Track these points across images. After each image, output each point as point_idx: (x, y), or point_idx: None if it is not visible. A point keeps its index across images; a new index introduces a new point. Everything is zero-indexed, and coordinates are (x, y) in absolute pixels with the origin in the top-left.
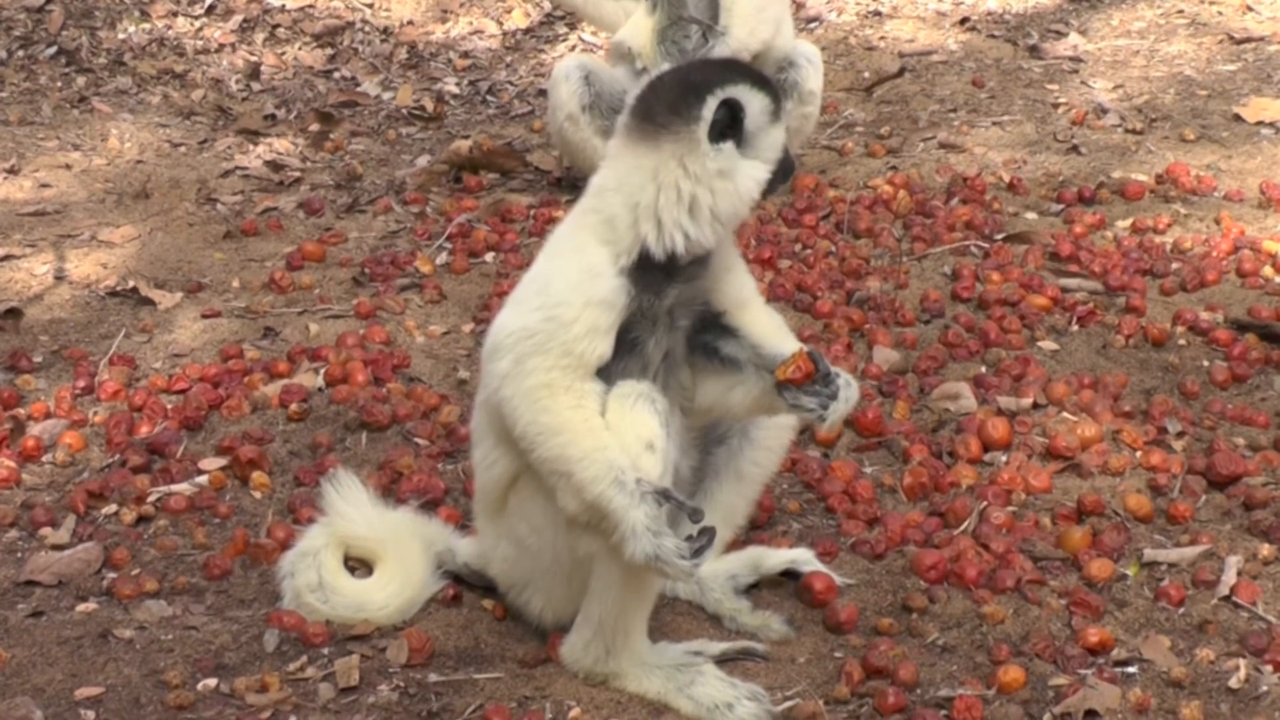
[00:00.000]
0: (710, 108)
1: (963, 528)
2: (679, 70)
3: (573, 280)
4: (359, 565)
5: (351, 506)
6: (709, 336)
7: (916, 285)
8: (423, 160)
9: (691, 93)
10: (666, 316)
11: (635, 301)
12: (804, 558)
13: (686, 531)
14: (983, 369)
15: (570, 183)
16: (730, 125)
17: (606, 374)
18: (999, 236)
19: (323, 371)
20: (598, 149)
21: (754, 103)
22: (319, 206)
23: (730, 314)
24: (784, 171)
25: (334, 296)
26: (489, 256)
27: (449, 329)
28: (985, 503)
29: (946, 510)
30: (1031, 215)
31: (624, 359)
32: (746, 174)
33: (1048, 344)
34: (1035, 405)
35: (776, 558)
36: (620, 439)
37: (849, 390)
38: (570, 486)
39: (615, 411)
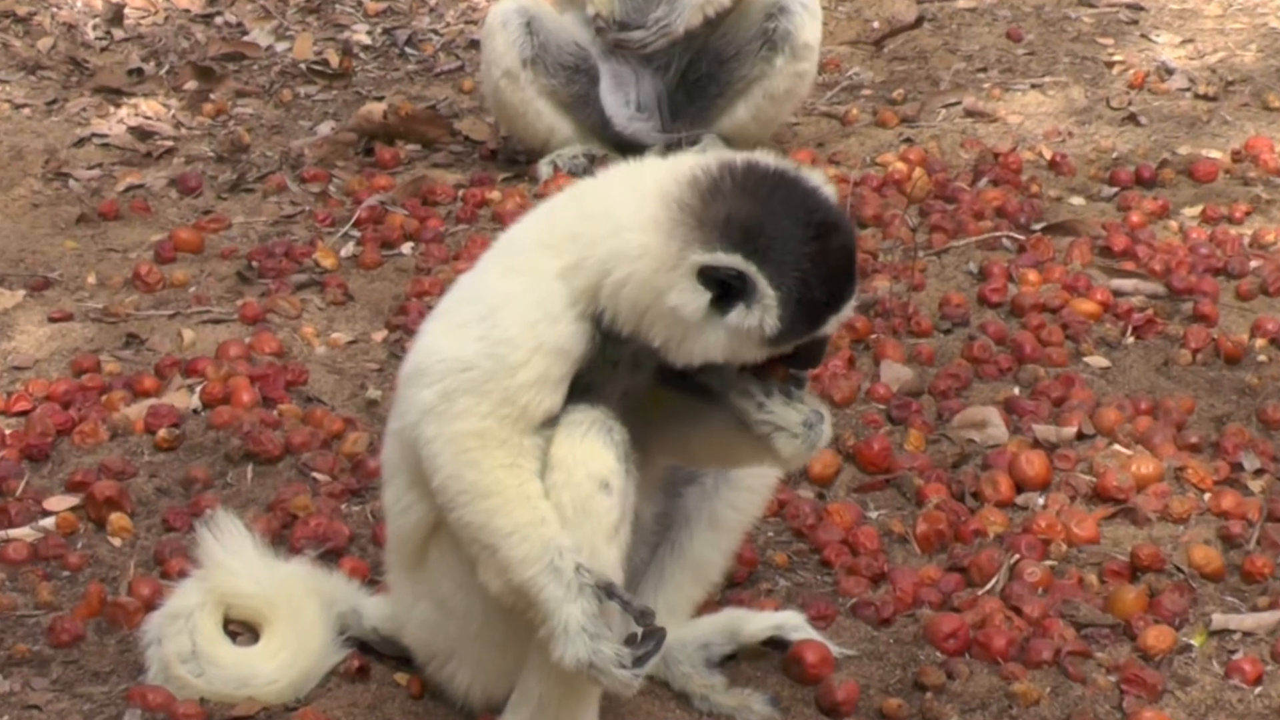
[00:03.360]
0: (732, 258)
1: (989, 587)
2: (782, 188)
3: (525, 316)
4: (242, 630)
5: (233, 557)
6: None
7: (935, 286)
8: (325, 128)
9: (742, 226)
10: (630, 359)
11: (596, 348)
12: (793, 623)
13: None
14: (1015, 390)
15: (508, 155)
16: (728, 291)
17: (551, 423)
18: (1037, 226)
19: (199, 389)
20: (541, 114)
21: (765, 311)
22: (196, 184)
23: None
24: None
25: (214, 296)
26: (406, 248)
27: (356, 337)
28: (1017, 556)
29: (969, 565)
30: (1078, 200)
31: (574, 402)
32: (700, 337)
33: (1096, 360)
34: (1080, 436)
35: (759, 623)
36: (569, 476)
37: (823, 425)
38: (494, 563)
39: (564, 443)
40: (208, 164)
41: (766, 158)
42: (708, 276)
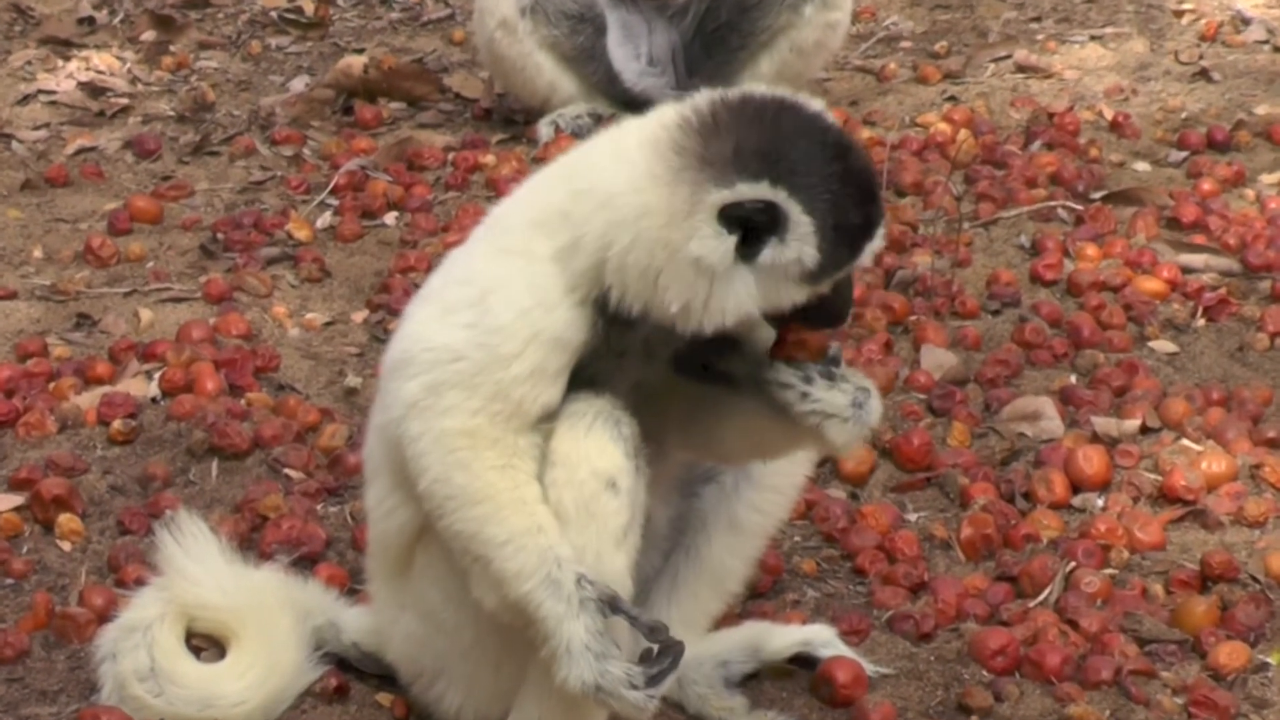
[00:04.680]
0: (757, 188)
1: (1042, 598)
2: (785, 112)
3: (519, 303)
4: (206, 645)
5: (196, 563)
6: (701, 351)
7: (982, 262)
8: (299, 83)
9: (757, 154)
10: (640, 347)
11: (599, 336)
12: (822, 638)
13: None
14: (1072, 379)
15: (504, 115)
16: (756, 230)
17: (550, 418)
18: (1097, 195)
19: (158, 376)
20: (541, 68)
21: (801, 242)
22: (154, 147)
23: (732, 329)
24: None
25: (174, 272)
26: (390, 218)
27: (333, 318)
28: (1073, 563)
29: (1020, 573)
30: (1143, 166)
31: (577, 396)
32: (730, 288)
33: (1162, 344)
34: (1144, 429)
35: (784, 638)
36: (572, 474)
37: (872, 401)
38: (488, 576)
39: (566, 437)
40: (167, 124)
41: (757, 87)
42: (729, 217)
